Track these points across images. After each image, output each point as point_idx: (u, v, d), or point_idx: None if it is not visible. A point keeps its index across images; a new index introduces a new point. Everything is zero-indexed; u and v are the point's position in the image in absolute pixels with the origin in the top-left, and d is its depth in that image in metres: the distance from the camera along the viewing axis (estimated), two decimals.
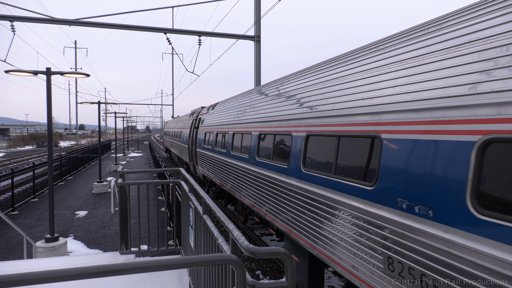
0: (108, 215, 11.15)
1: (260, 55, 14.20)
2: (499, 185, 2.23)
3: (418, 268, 2.73)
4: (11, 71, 6.89)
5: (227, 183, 9.23)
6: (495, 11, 2.58)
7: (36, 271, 1.36)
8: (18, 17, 12.02)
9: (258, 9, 13.83)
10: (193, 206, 3.77)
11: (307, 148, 4.87)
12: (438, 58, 2.91)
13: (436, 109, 2.73)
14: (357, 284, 3.56)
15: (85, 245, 8.36)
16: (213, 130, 11.49)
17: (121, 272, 1.49)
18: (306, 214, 4.66)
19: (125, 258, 5.36)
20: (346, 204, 3.73)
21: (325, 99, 4.54)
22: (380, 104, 3.42)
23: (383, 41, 4.01)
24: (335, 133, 4.15)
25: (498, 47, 2.41)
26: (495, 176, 2.25)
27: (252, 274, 7.27)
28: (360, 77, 3.95)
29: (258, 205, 6.65)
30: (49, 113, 7.44)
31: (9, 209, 11.46)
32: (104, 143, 40.08)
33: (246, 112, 8.17)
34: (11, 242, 8.51)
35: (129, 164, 27.45)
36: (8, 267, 5.09)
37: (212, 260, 1.68)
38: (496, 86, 2.32)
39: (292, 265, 1.83)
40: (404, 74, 3.24)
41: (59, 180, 17.54)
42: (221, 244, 2.42)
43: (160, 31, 13.74)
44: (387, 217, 3.10)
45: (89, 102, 17.37)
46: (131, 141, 61.72)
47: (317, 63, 5.49)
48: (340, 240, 3.84)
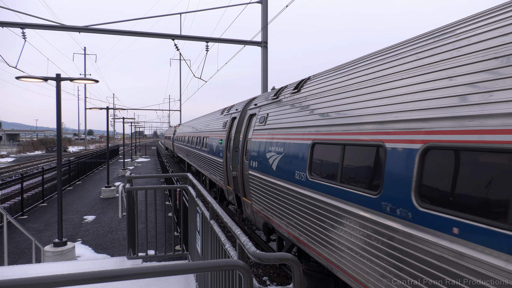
0: (116, 220, 11.20)
1: (267, 60, 14.26)
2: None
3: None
4: (22, 77, 7.00)
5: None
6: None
7: (44, 276, 1.37)
8: (29, 24, 12.25)
9: (265, 15, 13.91)
10: (200, 211, 3.77)
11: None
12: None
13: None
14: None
15: (93, 249, 8.40)
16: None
17: (128, 277, 1.50)
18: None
19: (132, 263, 5.37)
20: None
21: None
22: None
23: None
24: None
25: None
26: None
27: (259, 280, 7.22)
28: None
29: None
30: (59, 118, 7.54)
31: (18, 213, 11.58)
32: (112, 148, 40.41)
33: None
34: (20, 246, 8.59)
35: (137, 169, 27.61)
36: (17, 271, 5.13)
37: (219, 265, 1.68)
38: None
39: (299, 272, 1.82)
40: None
41: (67, 185, 17.70)
42: (228, 250, 2.41)
43: (168, 37, 13.87)
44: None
45: (97, 108, 17.57)
46: (139, 146, 62.14)
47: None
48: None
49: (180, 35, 13.89)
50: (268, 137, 6.82)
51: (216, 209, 2.99)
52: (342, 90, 4.58)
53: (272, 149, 6.51)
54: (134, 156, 41.79)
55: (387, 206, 3.21)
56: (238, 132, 9.56)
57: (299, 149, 5.41)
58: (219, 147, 11.24)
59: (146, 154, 50.70)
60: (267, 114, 7.30)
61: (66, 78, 7.46)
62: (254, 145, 7.53)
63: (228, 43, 14.23)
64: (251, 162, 7.57)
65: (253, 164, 7.38)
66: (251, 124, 8.31)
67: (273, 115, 6.94)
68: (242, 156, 8.49)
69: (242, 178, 8.40)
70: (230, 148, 9.88)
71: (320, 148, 4.77)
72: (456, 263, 2.42)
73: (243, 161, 8.40)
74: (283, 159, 5.95)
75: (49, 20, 12.68)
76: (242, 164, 8.42)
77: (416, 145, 2.94)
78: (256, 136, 7.55)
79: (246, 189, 8.13)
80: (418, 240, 2.79)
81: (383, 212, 3.28)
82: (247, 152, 8.11)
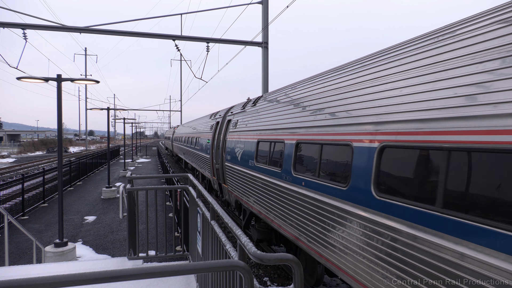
0: (117, 221, 11.21)
1: (267, 61, 14.26)
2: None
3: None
4: (23, 77, 7.01)
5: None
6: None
7: (45, 276, 1.37)
8: (30, 25, 12.27)
9: (266, 15, 13.91)
10: (201, 212, 3.78)
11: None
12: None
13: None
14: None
15: (94, 250, 8.41)
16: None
17: (129, 278, 1.50)
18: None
19: (133, 264, 5.37)
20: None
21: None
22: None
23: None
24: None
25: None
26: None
27: (259, 281, 7.22)
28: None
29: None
30: (59, 119, 7.55)
31: (19, 214, 11.59)
32: (113, 149, 40.44)
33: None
34: (21, 247, 8.60)
35: (138, 170, 27.63)
36: (18, 272, 5.13)
37: (220, 266, 1.68)
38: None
39: (300, 272, 1.81)
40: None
41: (68, 185, 17.71)
42: (229, 250, 2.41)
43: (168, 38, 13.89)
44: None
45: (98, 108, 17.58)
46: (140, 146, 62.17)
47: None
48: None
49: (181, 36, 13.90)
50: (237, 137, 9.13)
51: (217, 209, 2.99)
52: (279, 106, 6.67)
53: (238, 146, 8.84)
54: (134, 156, 41.83)
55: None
56: (220, 133, 11.66)
57: (251, 146, 7.77)
58: (207, 146, 13.57)
59: (146, 154, 50.74)
60: (237, 120, 9.67)
61: (67, 78, 7.47)
62: (229, 143, 9.91)
63: (228, 44, 14.24)
64: (227, 156, 9.94)
65: (228, 157, 9.73)
66: (228, 127, 10.60)
67: (240, 121, 9.28)
68: (222, 152, 10.77)
69: (222, 169, 10.64)
70: (215, 146, 12.13)
71: (262, 144, 7.14)
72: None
73: (223, 156, 10.68)
74: (243, 152, 8.28)
75: (50, 21, 12.70)
76: (222, 158, 10.69)
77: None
78: (230, 136, 9.95)
79: (225, 177, 10.38)
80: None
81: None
82: (225, 149, 10.37)
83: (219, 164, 11.15)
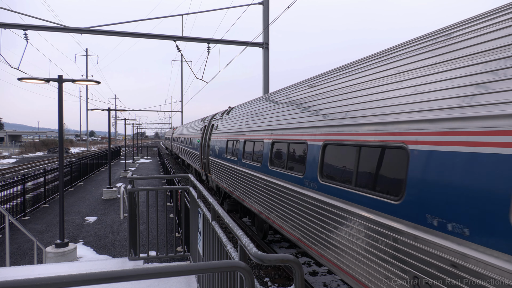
0: (117, 221, 11.22)
1: (268, 62, 14.26)
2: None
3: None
4: (24, 78, 7.02)
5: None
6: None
7: (46, 277, 1.37)
8: (31, 25, 12.29)
9: (267, 16, 13.92)
10: (202, 212, 3.78)
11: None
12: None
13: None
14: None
15: (95, 250, 8.41)
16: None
17: (130, 278, 1.50)
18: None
19: (133, 264, 5.37)
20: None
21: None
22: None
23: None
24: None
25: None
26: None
27: (260, 281, 7.21)
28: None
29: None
30: (61, 119, 7.55)
31: (20, 214, 11.60)
32: (114, 149, 40.47)
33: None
34: (22, 247, 8.60)
35: (138, 170, 27.64)
36: (19, 272, 5.14)
37: (220, 266, 1.68)
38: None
39: (301, 273, 1.81)
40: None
41: (69, 186, 17.73)
42: (230, 251, 2.41)
43: (169, 39, 13.90)
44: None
45: (99, 109, 17.59)
46: (140, 147, 62.21)
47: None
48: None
49: (182, 37, 13.91)
50: (217, 137, 12.32)
51: (217, 210, 2.99)
52: (240, 115, 9.73)
53: (217, 144, 12.11)
54: (135, 157, 41.84)
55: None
56: (207, 135, 14.61)
57: (224, 143, 10.91)
58: (197, 144, 16.83)
59: (147, 155, 50.76)
60: (217, 125, 12.88)
61: (68, 79, 7.47)
62: (212, 143, 13.14)
63: (229, 44, 14.25)
64: (210, 152, 13.25)
65: (211, 153, 13.01)
66: (212, 130, 13.74)
67: (220, 125, 12.38)
68: (208, 149, 13.90)
69: (208, 162, 13.71)
70: (203, 144, 15.17)
71: (230, 142, 10.11)
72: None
73: (208, 152, 13.79)
74: (219, 149, 11.51)
75: (51, 22, 12.72)
76: (208, 154, 13.79)
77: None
78: (213, 137, 13.15)
79: (209, 168, 13.49)
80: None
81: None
82: (209, 147, 13.62)
83: (205, 158, 14.31)
